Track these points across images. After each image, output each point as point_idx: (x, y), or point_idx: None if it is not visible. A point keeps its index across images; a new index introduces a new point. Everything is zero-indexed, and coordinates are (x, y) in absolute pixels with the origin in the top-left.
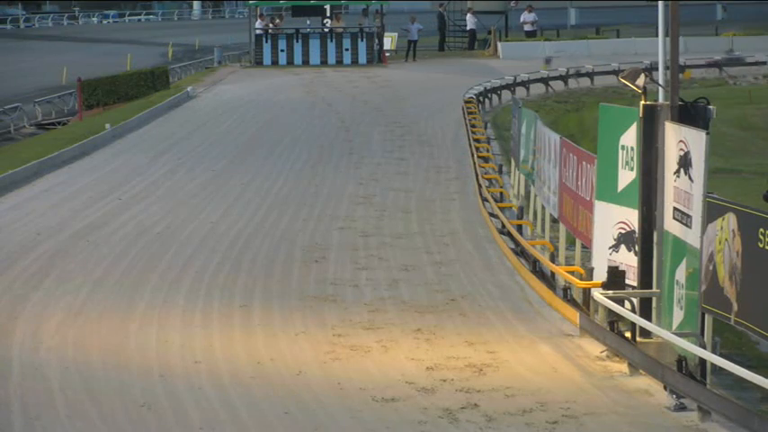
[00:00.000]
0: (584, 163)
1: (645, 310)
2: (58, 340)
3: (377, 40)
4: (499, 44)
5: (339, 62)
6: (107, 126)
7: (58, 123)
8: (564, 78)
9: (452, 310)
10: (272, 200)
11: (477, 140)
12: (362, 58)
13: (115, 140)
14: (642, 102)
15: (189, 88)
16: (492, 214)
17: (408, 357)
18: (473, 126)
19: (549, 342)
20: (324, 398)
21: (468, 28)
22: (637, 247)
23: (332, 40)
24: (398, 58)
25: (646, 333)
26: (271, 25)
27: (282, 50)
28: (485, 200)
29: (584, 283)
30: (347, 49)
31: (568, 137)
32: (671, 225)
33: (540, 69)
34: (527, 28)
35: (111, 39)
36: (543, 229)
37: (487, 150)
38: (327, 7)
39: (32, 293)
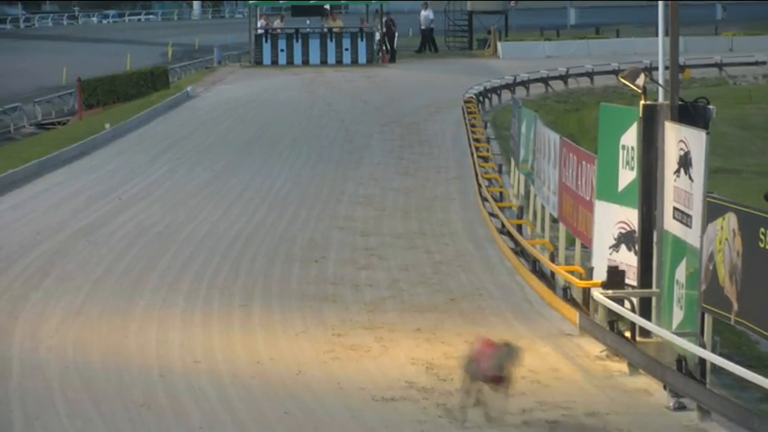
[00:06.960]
0: (583, 163)
1: (644, 310)
2: (57, 340)
3: (383, 40)
4: (499, 44)
5: (339, 62)
6: (107, 126)
7: (58, 123)
8: (564, 78)
9: (452, 310)
10: (272, 200)
11: (476, 140)
12: (362, 58)
13: (115, 140)
14: (642, 101)
15: (189, 88)
16: (492, 214)
17: (408, 357)
18: (473, 126)
19: (549, 342)
20: (324, 397)
21: (421, 27)
22: (637, 247)
23: (332, 40)
24: (400, 58)
25: (645, 333)
26: (264, 22)
27: (282, 50)
28: (485, 199)
29: (583, 283)
30: (347, 49)
31: (568, 137)
32: (671, 225)
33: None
34: (423, 25)
35: (110, 39)
36: (543, 229)
37: (487, 150)
38: (328, 7)
39: (32, 293)
